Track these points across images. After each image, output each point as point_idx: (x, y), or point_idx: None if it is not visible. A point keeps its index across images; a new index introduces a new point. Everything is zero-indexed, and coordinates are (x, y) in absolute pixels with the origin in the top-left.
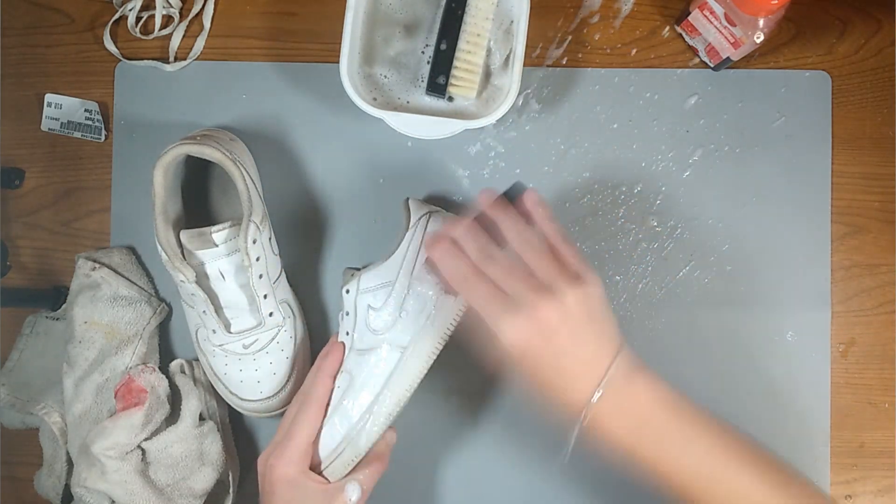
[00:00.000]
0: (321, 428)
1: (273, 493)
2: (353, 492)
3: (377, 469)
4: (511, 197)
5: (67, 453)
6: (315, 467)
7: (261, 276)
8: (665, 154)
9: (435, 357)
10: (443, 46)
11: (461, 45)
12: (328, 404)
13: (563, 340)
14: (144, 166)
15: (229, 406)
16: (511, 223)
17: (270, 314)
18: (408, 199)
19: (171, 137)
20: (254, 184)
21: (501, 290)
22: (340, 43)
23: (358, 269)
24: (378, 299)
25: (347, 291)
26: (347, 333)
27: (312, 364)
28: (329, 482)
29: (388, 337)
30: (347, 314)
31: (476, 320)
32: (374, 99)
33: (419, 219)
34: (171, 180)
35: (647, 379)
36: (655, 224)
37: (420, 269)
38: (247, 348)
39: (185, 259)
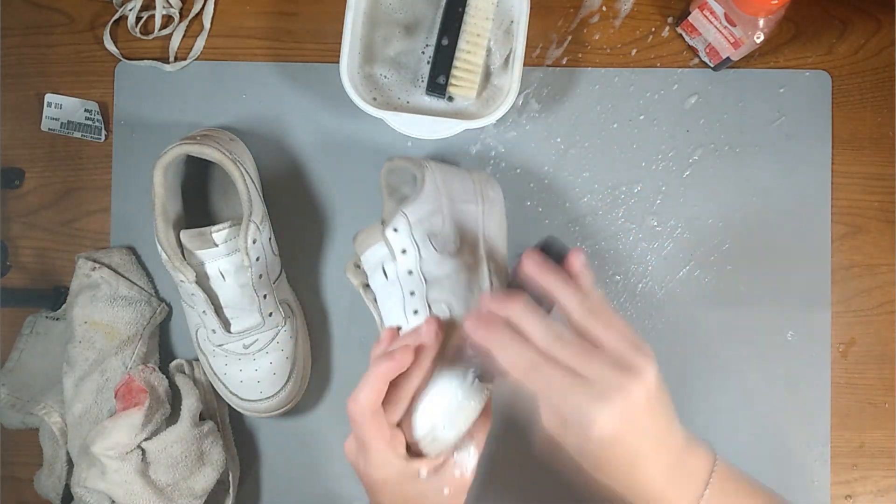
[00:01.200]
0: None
1: (381, 493)
2: (469, 458)
3: (484, 425)
4: (548, 254)
5: (67, 453)
6: (415, 442)
7: (261, 276)
8: (665, 154)
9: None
10: (444, 42)
11: (461, 45)
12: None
13: (646, 422)
14: (144, 166)
15: (229, 406)
16: (570, 292)
17: (270, 314)
18: (392, 157)
19: (171, 137)
20: (254, 184)
21: (577, 373)
22: (340, 43)
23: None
24: (436, 224)
25: (396, 230)
26: (410, 273)
27: (312, 363)
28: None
29: (464, 252)
30: (404, 252)
31: (526, 408)
32: (374, 99)
33: (423, 160)
34: (171, 180)
35: (747, 482)
36: (655, 224)
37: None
38: (247, 348)
39: (185, 259)
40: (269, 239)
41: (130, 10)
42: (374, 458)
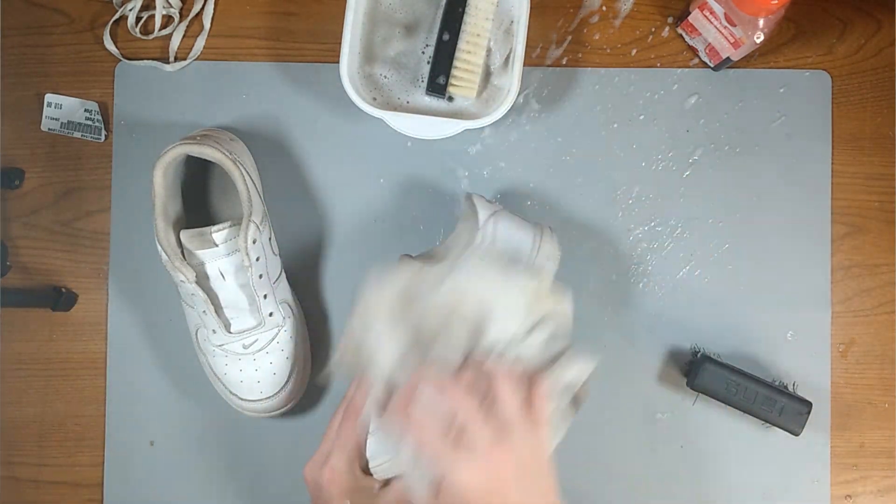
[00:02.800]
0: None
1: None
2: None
3: None
4: None
5: None
6: (364, 468)
7: (261, 276)
8: (665, 154)
9: None
10: (445, 37)
11: (461, 45)
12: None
13: (512, 496)
14: (144, 166)
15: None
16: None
17: (270, 314)
18: (471, 195)
19: (171, 137)
20: (254, 184)
21: (453, 424)
22: (340, 43)
23: (413, 257)
24: None
25: None
26: None
27: (312, 363)
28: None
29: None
30: None
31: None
32: (374, 99)
33: (488, 219)
34: (171, 180)
35: None
36: (655, 224)
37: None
38: (247, 348)
39: (185, 259)
40: (269, 239)
41: (130, 10)
42: (342, 461)
